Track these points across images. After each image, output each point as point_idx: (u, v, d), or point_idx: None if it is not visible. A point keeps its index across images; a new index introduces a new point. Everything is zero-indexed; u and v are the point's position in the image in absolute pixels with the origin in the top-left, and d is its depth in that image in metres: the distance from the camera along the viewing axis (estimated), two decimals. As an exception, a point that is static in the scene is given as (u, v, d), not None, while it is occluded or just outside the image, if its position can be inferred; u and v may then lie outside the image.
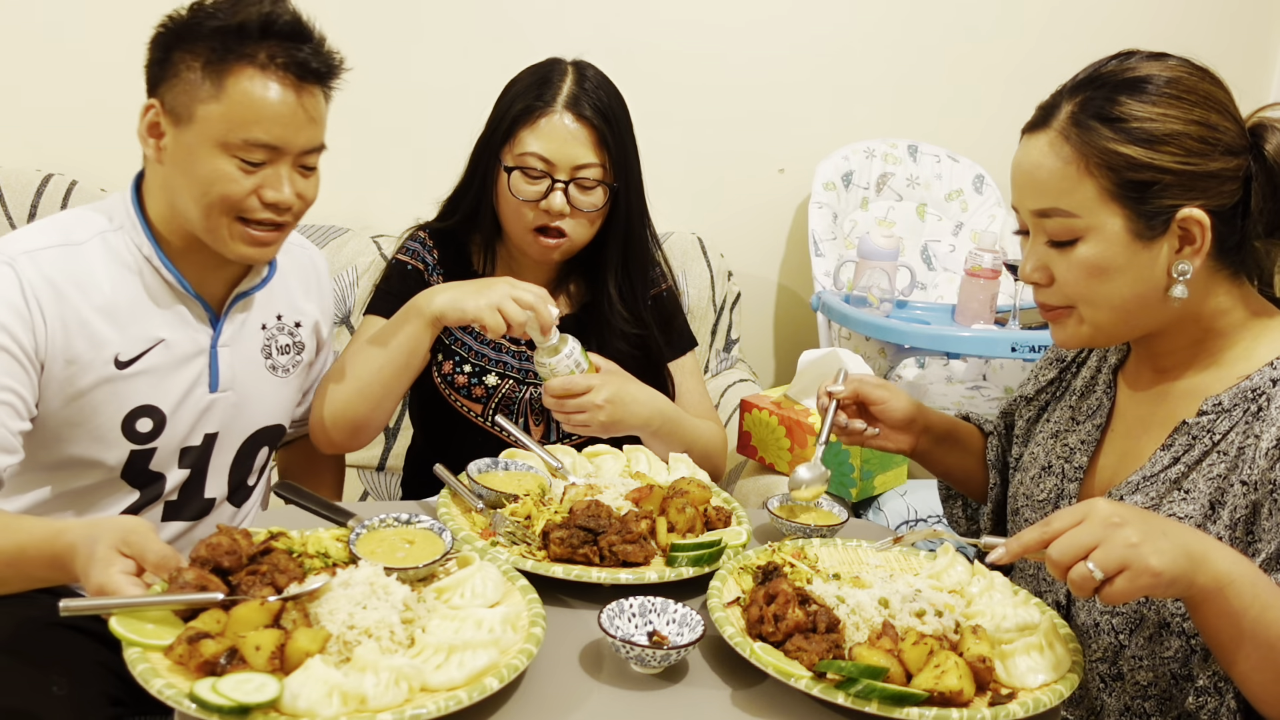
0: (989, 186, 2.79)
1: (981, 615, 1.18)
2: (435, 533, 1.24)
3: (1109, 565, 0.99)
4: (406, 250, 1.78)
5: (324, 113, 1.45)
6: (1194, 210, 1.13)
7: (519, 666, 1.04)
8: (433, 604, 1.12)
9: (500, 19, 2.54)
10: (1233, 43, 2.99)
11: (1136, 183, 1.13)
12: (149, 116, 1.40)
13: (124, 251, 1.44)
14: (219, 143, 1.36)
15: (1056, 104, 1.20)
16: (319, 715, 0.93)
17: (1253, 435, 1.14)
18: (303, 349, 1.65)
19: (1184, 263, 1.16)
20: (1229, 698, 1.17)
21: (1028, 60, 2.85)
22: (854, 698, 1.02)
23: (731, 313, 2.55)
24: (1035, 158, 1.19)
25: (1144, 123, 1.13)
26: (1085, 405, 1.37)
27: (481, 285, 1.54)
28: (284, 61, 1.37)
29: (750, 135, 2.76)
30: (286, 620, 1.03)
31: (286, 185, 1.40)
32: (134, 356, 1.44)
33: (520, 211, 1.66)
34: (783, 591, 1.14)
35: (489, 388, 1.74)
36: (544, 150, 1.63)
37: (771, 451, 1.83)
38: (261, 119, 1.36)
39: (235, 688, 0.93)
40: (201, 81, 1.35)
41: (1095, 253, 1.16)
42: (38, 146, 2.38)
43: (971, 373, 2.70)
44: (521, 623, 1.12)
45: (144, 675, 0.96)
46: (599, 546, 1.26)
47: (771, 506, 1.46)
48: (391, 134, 2.55)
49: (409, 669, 0.99)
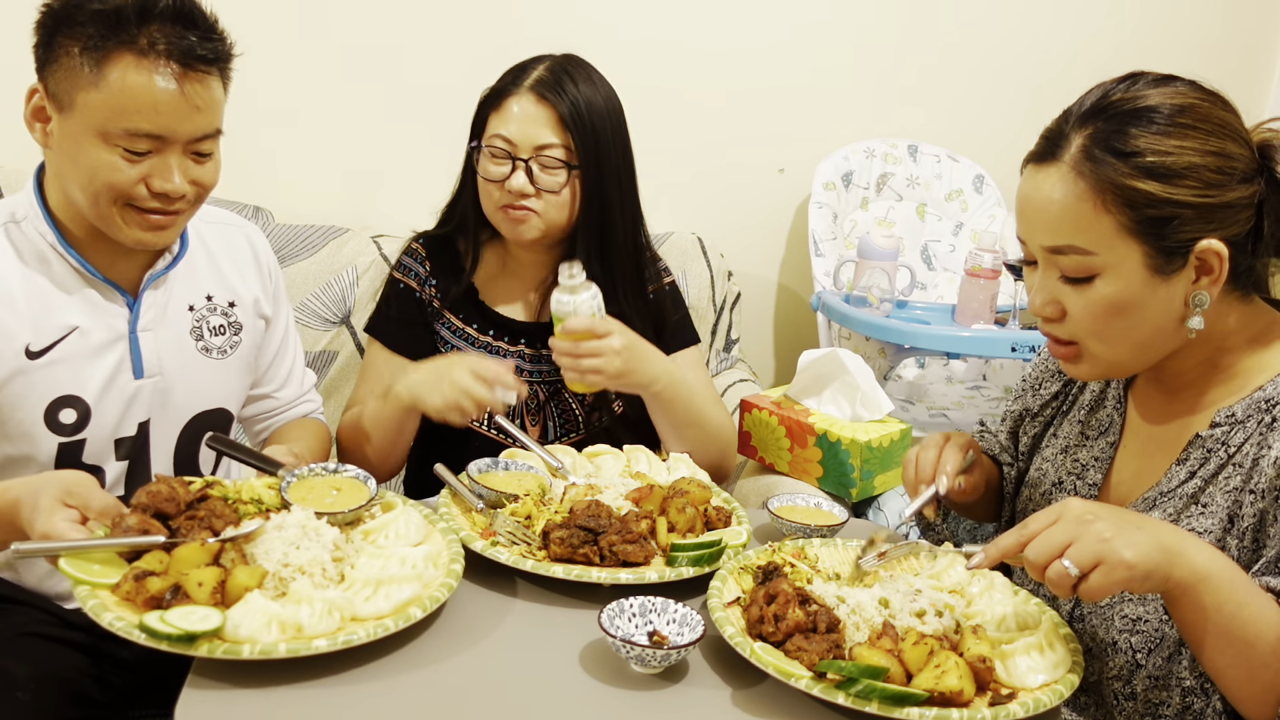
0: (989, 186, 2.79)
1: (982, 615, 1.18)
2: (360, 480, 1.34)
3: (1083, 561, 1.00)
4: (400, 267, 1.81)
5: (217, 98, 1.38)
6: (1213, 242, 1.11)
7: (440, 598, 1.16)
8: (360, 544, 1.22)
9: (501, 18, 2.54)
10: (1232, 42, 2.99)
11: (1156, 219, 1.10)
12: (34, 101, 1.36)
13: (28, 242, 1.42)
14: (99, 132, 1.31)
15: (1063, 134, 1.15)
16: (259, 641, 1.03)
17: (1266, 446, 1.13)
18: (240, 329, 1.60)
19: (1201, 293, 1.13)
20: (1215, 699, 1.16)
21: (1028, 60, 2.85)
22: (854, 698, 1.02)
23: (731, 313, 2.55)
24: (1046, 192, 1.14)
25: (1161, 156, 1.10)
26: (1095, 420, 1.35)
27: (439, 378, 1.53)
28: (165, 48, 1.30)
29: (750, 135, 2.76)
30: (225, 560, 1.12)
31: (176, 174, 1.35)
32: (46, 346, 1.41)
33: (489, 191, 1.69)
34: (783, 591, 1.14)
35: None
36: (506, 131, 1.65)
37: (771, 451, 1.83)
38: (142, 108, 1.30)
39: (182, 618, 1.02)
40: (80, 67, 1.30)
41: (1113, 290, 1.13)
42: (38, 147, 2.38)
43: (971, 373, 2.70)
44: (443, 560, 1.22)
45: (94, 610, 1.05)
46: (599, 546, 1.26)
47: (771, 506, 1.46)
48: (391, 134, 2.54)
49: (341, 600, 1.09)
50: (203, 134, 1.37)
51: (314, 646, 1.05)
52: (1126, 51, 2.90)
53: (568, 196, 1.67)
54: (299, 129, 2.44)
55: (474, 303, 1.79)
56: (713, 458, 1.70)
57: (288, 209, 2.30)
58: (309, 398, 1.78)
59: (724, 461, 1.77)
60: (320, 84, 2.43)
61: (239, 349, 1.60)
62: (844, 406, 1.79)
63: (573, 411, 1.79)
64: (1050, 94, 2.79)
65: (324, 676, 1.08)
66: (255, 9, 2.42)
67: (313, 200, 2.40)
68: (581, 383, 1.60)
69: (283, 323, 1.71)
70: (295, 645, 1.04)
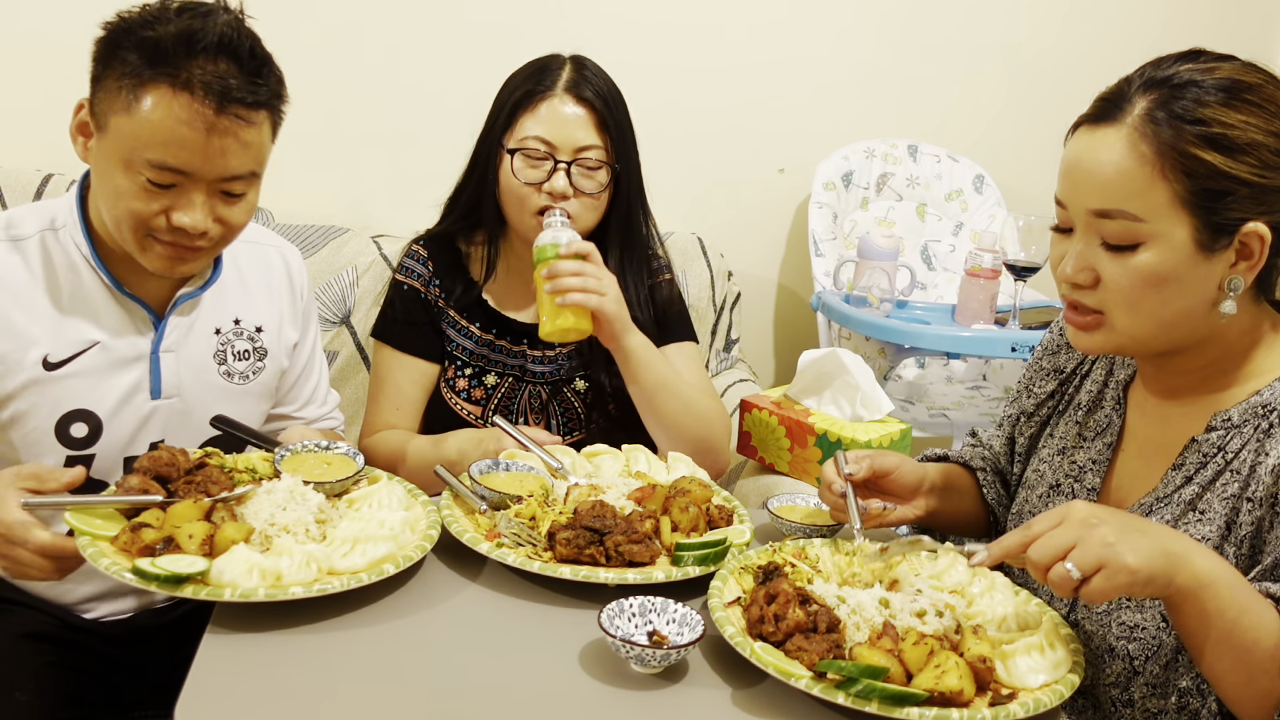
0: (989, 186, 2.79)
1: (982, 615, 1.18)
2: (350, 456, 1.41)
3: (1086, 564, 1.00)
4: (403, 269, 1.81)
5: (255, 140, 1.34)
6: (1259, 225, 1.10)
7: (414, 557, 1.23)
8: (345, 510, 1.31)
9: (499, 19, 2.54)
10: (1232, 42, 2.98)
11: (1212, 191, 1.08)
12: (79, 115, 1.36)
13: (63, 251, 1.41)
14: (123, 159, 1.30)
15: (1124, 97, 1.13)
16: (240, 586, 1.12)
17: (1264, 453, 1.13)
18: (265, 354, 1.58)
19: (1237, 278, 1.12)
20: (1211, 700, 1.16)
21: (1028, 60, 2.85)
22: (854, 698, 1.02)
23: (731, 313, 2.55)
24: (1102, 154, 1.11)
25: (1227, 129, 1.08)
26: (1093, 421, 1.33)
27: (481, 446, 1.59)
28: (203, 85, 1.27)
29: (750, 135, 2.75)
30: (216, 517, 1.22)
31: (199, 211, 1.32)
32: (65, 358, 1.40)
33: (523, 196, 1.66)
34: (783, 591, 1.14)
35: (488, 388, 1.75)
36: (545, 133, 1.64)
37: (771, 451, 1.83)
38: (167, 142, 1.27)
39: (171, 563, 1.11)
40: (120, 92, 1.29)
41: (1157, 261, 1.11)
42: (38, 146, 2.38)
43: (971, 373, 2.69)
44: (420, 526, 1.31)
45: (93, 556, 1.14)
46: (604, 547, 1.26)
47: (771, 506, 1.46)
48: (391, 134, 2.54)
49: (319, 554, 1.18)
50: (233, 175, 1.33)
51: (290, 593, 1.13)
52: (1127, 51, 2.89)
53: (603, 198, 1.68)
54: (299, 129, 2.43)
55: (479, 303, 1.80)
56: (697, 440, 1.66)
57: (288, 209, 2.30)
58: (331, 416, 1.77)
59: (712, 450, 1.72)
60: (320, 84, 2.43)
61: (261, 375, 1.58)
62: (844, 406, 1.79)
63: (575, 409, 1.80)
64: (1050, 94, 2.81)
65: (328, 682, 1.08)
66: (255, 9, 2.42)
67: (313, 200, 2.40)
68: (580, 303, 1.56)
69: (309, 344, 1.69)
70: (273, 591, 1.12)
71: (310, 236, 2.30)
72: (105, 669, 1.48)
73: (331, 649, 1.12)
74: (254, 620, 1.14)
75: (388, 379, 1.77)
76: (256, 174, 1.37)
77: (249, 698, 1.04)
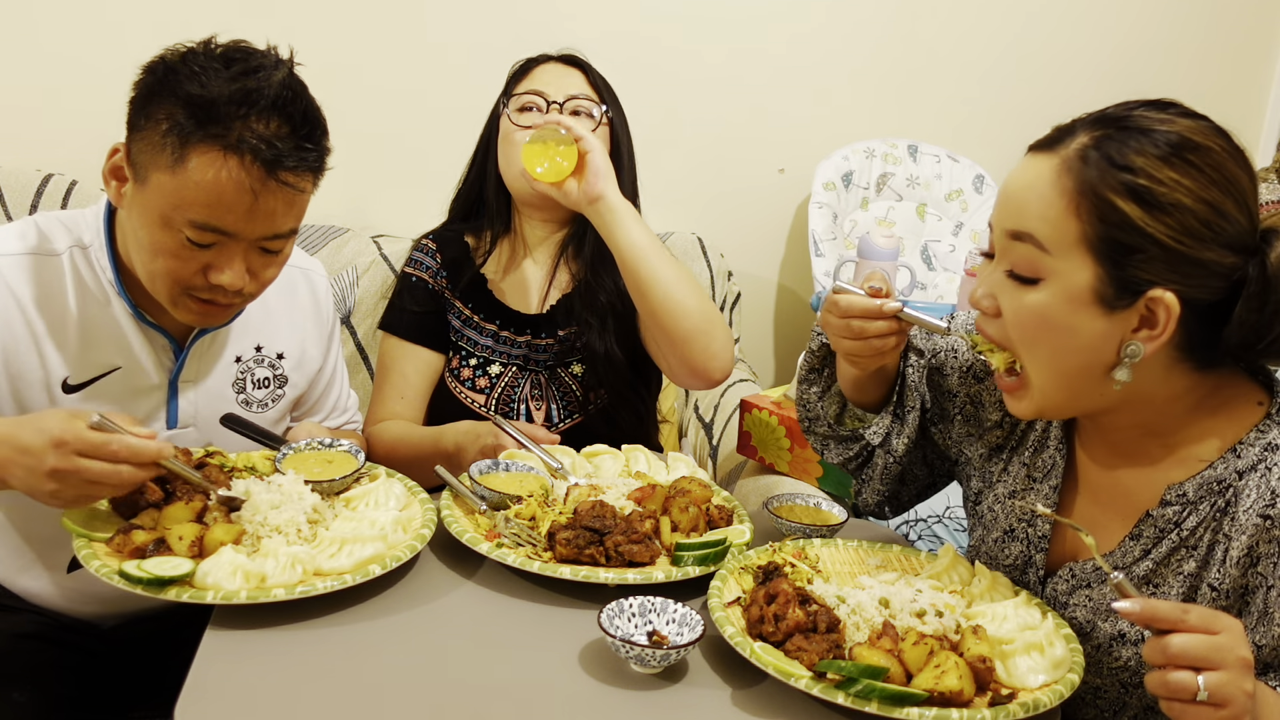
0: (989, 186, 2.79)
1: (982, 615, 1.18)
2: (352, 454, 1.41)
3: (1217, 697, 0.95)
4: (411, 262, 1.85)
5: (301, 200, 1.30)
6: (1167, 294, 1.04)
7: (402, 557, 1.22)
8: (340, 510, 1.31)
9: (499, 19, 2.54)
10: (1232, 42, 2.99)
11: (1122, 244, 1.04)
12: (114, 159, 1.30)
13: (91, 273, 1.37)
14: (162, 216, 1.25)
15: (1072, 131, 1.10)
16: (223, 587, 1.12)
17: (1223, 534, 1.10)
18: (285, 382, 1.56)
19: (1136, 344, 1.07)
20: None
21: (1028, 60, 2.85)
22: (854, 698, 1.02)
23: (731, 313, 2.55)
24: (1029, 178, 1.10)
25: (1152, 183, 1.03)
26: (1040, 462, 1.28)
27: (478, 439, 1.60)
28: (252, 149, 1.22)
29: (750, 135, 2.76)
30: (208, 518, 1.23)
31: (238, 269, 1.28)
32: (84, 381, 1.38)
33: (518, 140, 1.70)
34: (783, 591, 1.14)
35: (493, 378, 1.78)
36: (538, 86, 1.74)
37: (771, 451, 1.83)
38: (212, 204, 1.23)
39: (156, 566, 1.13)
40: (164, 148, 1.22)
41: (1049, 302, 1.08)
42: (38, 146, 2.38)
43: (971, 373, 2.69)
44: (414, 526, 1.30)
45: (85, 558, 1.15)
46: (605, 547, 1.26)
47: (771, 506, 1.46)
48: (392, 134, 2.55)
49: (305, 555, 1.18)
50: (275, 234, 1.30)
51: (272, 595, 1.13)
52: (1127, 51, 2.90)
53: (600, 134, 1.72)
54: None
55: (483, 293, 1.83)
56: (697, 314, 1.61)
57: (288, 209, 2.30)
58: (352, 420, 1.77)
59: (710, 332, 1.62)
60: (320, 84, 2.43)
61: (280, 403, 1.57)
62: (844, 406, 1.79)
63: (573, 392, 1.81)
64: (1050, 94, 2.81)
65: (329, 682, 1.08)
66: (255, 8, 2.42)
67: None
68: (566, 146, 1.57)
69: (332, 362, 1.67)
70: (255, 593, 1.13)
71: (310, 236, 2.31)
72: (105, 669, 1.48)
73: (332, 649, 1.12)
74: (254, 620, 1.15)
75: (393, 368, 1.80)
76: (296, 230, 1.34)
77: (249, 697, 1.04)
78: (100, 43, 2.38)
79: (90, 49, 2.40)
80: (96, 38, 2.39)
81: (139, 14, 2.38)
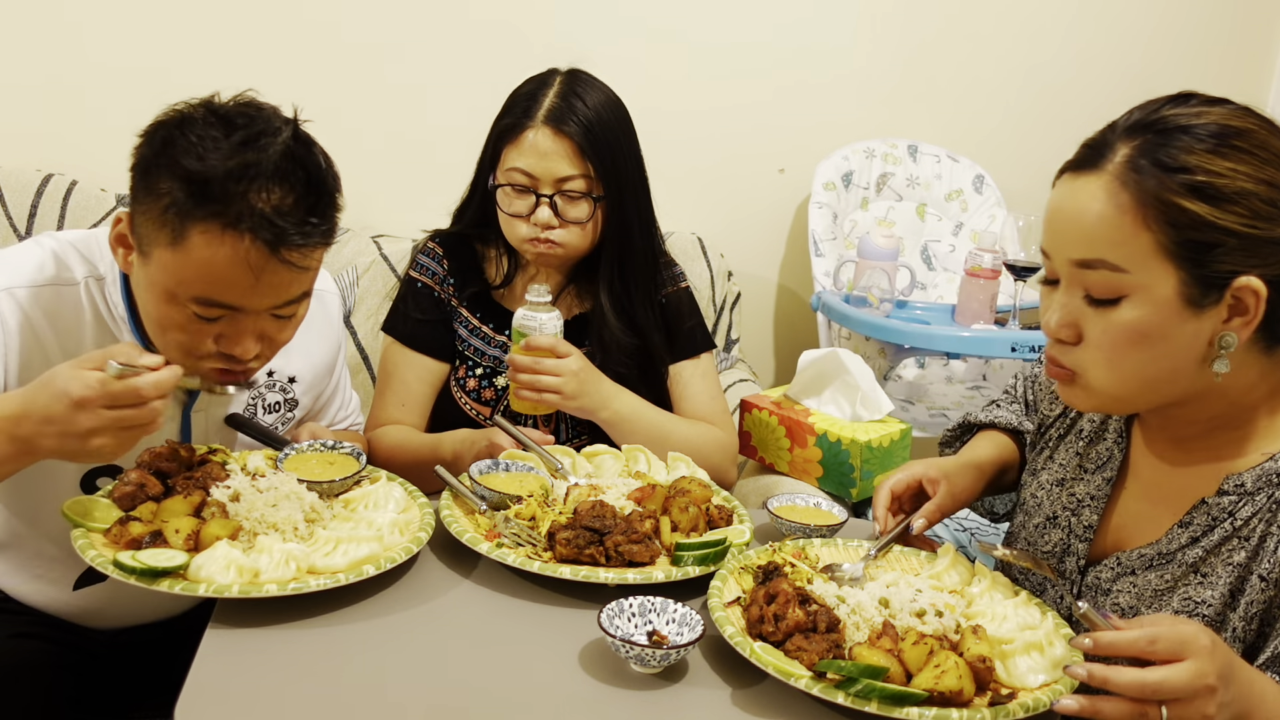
0: (989, 186, 2.79)
1: (982, 615, 1.18)
2: (354, 456, 1.41)
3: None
4: (417, 265, 1.81)
5: (310, 268, 1.26)
6: (1252, 279, 1.04)
7: (397, 558, 1.23)
8: (339, 510, 1.31)
9: (500, 20, 2.54)
10: (1232, 42, 2.99)
11: (1198, 243, 1.03)
12: (119, 228, 1.26)
13: (106, 305, 1.35)
14: (167, 291, 1.22)
15: (1107, 144, 1.08)
16: (216, 581, 1.13)
17: (1277, 526, 1.09)
18: (295, 405, 1.56)
19: (1230, 334, 1.06)
20: None
21: (1028, 60, 2.85)
22: (854, 698, 1.02)
23: (731, 313, 2.55)
24: (1083, 202, 1.07)
25: (1211, 177, 1.03)
26: (1094, 453, 1.28)
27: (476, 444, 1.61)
28: (254, 227, 1.17)
29: (750, 135, 2.76)
30: (206, 513, 1.23)
31: (250, 340, 1.25)
32: None
33: (513, 225, 1.69)
34: (783, 591, 1.14)
35: (499, 390, 1.76)
36: (526, 165, 1.65)
37: (771, 451, 1.83)
38: (214, 282, 1.19)
39: (151, 557, 1.14)
40: (163, 225, 1.18)
41: (1139, 316, 1.06)
42: (38, 146, 2.38)
43: (971, 373, 2.70)
44: (411, 528, 1.30)
45: (82, 549, 1.16)
46: (605, 547, 1.26)
47: (771, 506, 1.46)
48: (392, 134, 2.55)
49: (299, 552, 1.19)
50: (286, 301, 1.26)
51: (265, 590, 1.13)
52: (1128, 52, 2.90)
53: (593, 224, 1.68)
54: (299, 129, 2.44)
55: (490, 303, 1.80)
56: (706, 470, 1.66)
57: (288, 209, 2.30)
58: (354, 422, 1.77)
59: (720, 474, 1.74)
60: (320, 83, 2.43)
61: (288, 425, 1.58)
62: (844, 406, 1.79)
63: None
64: (1051, 94, 2.81)
65: (329, 682, 1.08)
66: (255, 8, 2.42)
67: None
68: (535, 400, 1.62)
69: (338, 374, 1.68)
70: (247, 588, 1.13)
71: (310, 236, 2.30)
72: (105, 670, 1.48)
73: (333, 649, 1.12)
74: (254, 620, 1.15)
75: (395, 375, 1.78)
76: (310, 292, 1.31)
77: (249, 697, 1.04)
78: (101, 43, 2.39)
79: (91, 49, 2.40)
80: (96, 38, 2.39)
81: (139, 14, 2.38)
